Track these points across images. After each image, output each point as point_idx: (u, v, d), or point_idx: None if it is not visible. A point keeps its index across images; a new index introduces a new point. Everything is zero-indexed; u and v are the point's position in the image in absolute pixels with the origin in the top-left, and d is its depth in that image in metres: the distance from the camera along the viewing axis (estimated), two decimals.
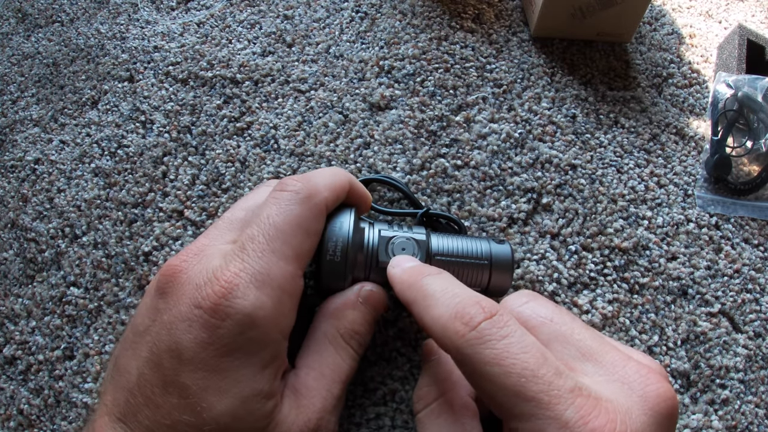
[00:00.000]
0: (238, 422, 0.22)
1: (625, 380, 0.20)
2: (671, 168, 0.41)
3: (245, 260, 0.23)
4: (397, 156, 0.39)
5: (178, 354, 0.22)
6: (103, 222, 0.38)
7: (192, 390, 0.22)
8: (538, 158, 0.40)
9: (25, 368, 0.34)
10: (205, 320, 0.22)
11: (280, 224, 0.24)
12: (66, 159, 0.41)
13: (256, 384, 0.22)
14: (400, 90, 0.42)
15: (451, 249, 0.29)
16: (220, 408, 0.22)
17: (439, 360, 0.26)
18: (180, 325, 0.22)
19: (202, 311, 0.22)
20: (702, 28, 0.48)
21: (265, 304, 0.23)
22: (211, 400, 0.22)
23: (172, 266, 0.24)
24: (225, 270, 0.23)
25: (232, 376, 0.22)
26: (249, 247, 0.24)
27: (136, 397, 0.22)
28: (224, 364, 0.22)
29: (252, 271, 0.23)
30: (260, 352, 0.23)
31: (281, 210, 0.25)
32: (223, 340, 0.22)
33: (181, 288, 0.23)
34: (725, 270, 0.37)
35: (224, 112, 0.41)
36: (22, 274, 0.37)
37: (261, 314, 0.22)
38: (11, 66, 0.46)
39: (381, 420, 0.32)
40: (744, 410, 0.33)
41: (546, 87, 0.43)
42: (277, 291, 0.23)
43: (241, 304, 0.22)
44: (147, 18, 0.47)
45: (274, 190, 0.26)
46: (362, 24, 0.45)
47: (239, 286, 0.22)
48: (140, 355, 0.23)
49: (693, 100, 0.44)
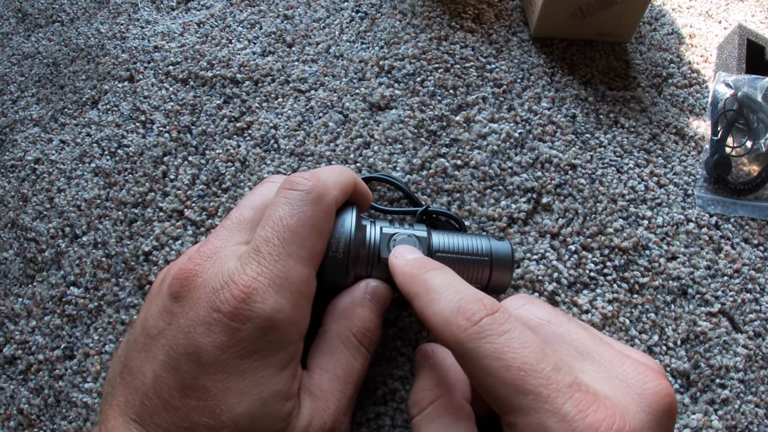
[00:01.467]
0: (257, 423, 0.22)
1: (623, 378, 0.20)
2: (671, 168, 0.41)
3: (261, 263, 0.23)
4: (397, 156, 0.39)
5: (197, 357, 0.22)
6: (103, 222, 0.38)
7: (212, 392, 0.22)
8: (538, 158, 0.40)
9: (25, 368, 0.34)
10: (225, 324, 0.22)
11: (294, 226, 0.24)
12: (66, 159, 0.41)
13: (276, 385, 0.23)
14: (400, 90, 0.42)
15: (452, 246, 0.29)
16: (239, 410, 0.22)
17: (433, 364, 0.26)
18: (199, 328, 0.22)
19: (221, 315, 0.22)
20: (702, 28, 0.48)
21: (284, 307, 0.23)
22: (231, 401, 0.22)
23: (185, 270, 0.24)
24: (242, 274, 0.23)
25: (251, 377, 0.22)
26: (264, 250, 0.24)
27: (152, 399, 0.22)
28: (244, 365, 0.22)
29: (270, 275, 0.23)
30: (279, 353, 0.23)
31: (294, 211, 0.25)
32: (243, 343, 0.22)
33: (197, 291, 0.23)
34: (725, 270, 0.37)
35: (224, 111, 0.41)
36: (22, 273, 0.37)
37: (280, 317, 0.23)
38: (11, 66, 0.46)
39: (381, 420, 0.32)
40: (744, 410, 0.33)
41: (546, 87, 0.43)
42: (295, 294, 0.24)
43: (261, 308, 0.22)
44: (147, 18, 0.47)
45: (283, 188, 0.26)
46: (362, 24, 0.45)
47: (258, 291, 0.23)
48: (156, 358, 0.23)
49: (693, 100, 0.44)
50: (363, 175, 0.38)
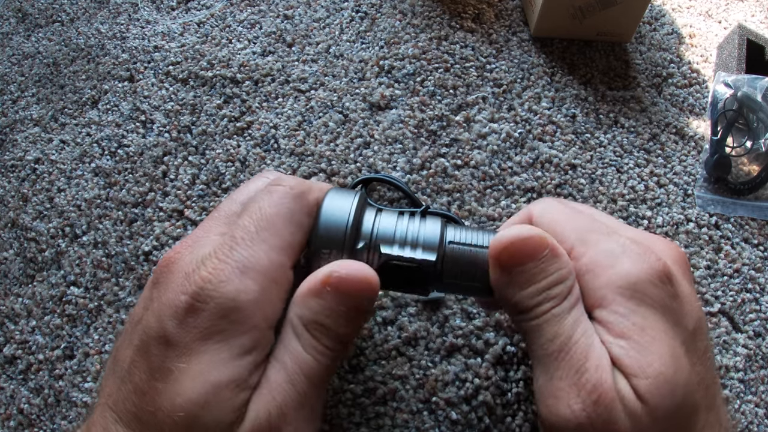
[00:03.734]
0: (207, 411, 0.22)
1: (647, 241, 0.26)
2: (671, 168, 0.41)
3: (233, 248, 0.24)
4: (397, 156, 0.39)
5: (165, 339, 0.22)
6: (103, 221, 0.38)
7: (174, 374, 0.22)
8: (538, 158, 0.40)
9: (25, 368, 0.34)
10: (189, 304, 0.22)
11: (271, 215, 0.25)
12: (66, 159, 0.41)
13: (232, 370, 0.22)
14: (400, 90, 0.42)
15: (465, 238, 0.29)
16: (192, 394, 0.22)
17: (558, 255, 0.25)
18: (167, 311, 0.23)
19: (187, 296, 0.23)
20: (702, 28, 0.48)
21: (249, 288, 0.23)
22: (187, 384, 0.22)
23: (166, 258, 0.25)
24: (213, 257, 0.23)
25: (209, 360, 0.22)
26: (238, 236, 0.24)
27: (126, 384, 0.23)
28: (206, 346, 0.22)
29: (239, 257, 0.23)
30: (240, 337, 0.23)
31: (273, 202, 0.25)
32: (206, 323, 0.22)
33: (172, 276, 0.24)
34: (725, 270, 0.37)
35: (224, 111, 0.41)
36: (22, 273, 0.37)
37: (244, 298, 0.23)
38: (11, 66, 0.46)
39: (381, 420, 0.32)
40: (744, 410, 0.33)
41: (546, 87, 0.43)
42: (262, 277, 0.23)
43: (224, 288, 0.22)
44: (147, 18, 0.47)
45: (270, 184, 0.27)
46: (362, 24, 0.45)
47: (224, 271, 0.23)
48: (133, 343, 0.24)
49: (693, 100, 0.44)
50: (362, 176, 0.38)
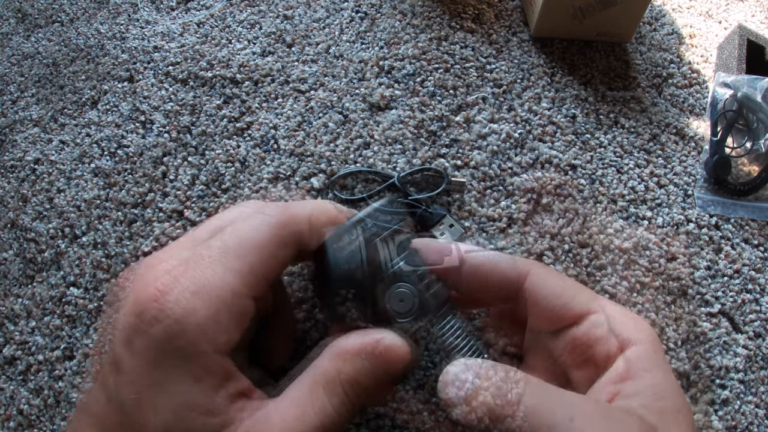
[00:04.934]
0: None
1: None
2: (671, 168, 0.41)
3: (191, 267, 0.22)
4: (397, 156, 0.39)
5: (117, 367, 0.21)
6: (103, 222, 0.38)
7: (127, 406, 0.21)
8: (538, 158, 0.40)
9: (25, 368, 0.34)
10: (136, 326, 0.21)
11: (242, 240, 0.23)
12: (66, 159, 0.41)
13: (189, 397, 0.21)
14: (400, 90, 0.42)
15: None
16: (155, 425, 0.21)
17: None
18: (119, 335, 0.22)
19: (135, 318, 0.21)
20: (702, 28, 0.48)
21: (197, 311, 0.21)
22: (147, 417, 0.21)
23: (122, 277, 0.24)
24: (167, 274, 0.22)
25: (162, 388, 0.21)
26: (204, 254, 0.23)
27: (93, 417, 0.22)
28: (156, 375, 0.21)
29: (192, 276, 0.22)
30: (189, 364, 0.22)
31: (248, 227, 0.24)
32: (153, 349, 0.21)
33: (127, 299, 0.23)
34: (725, 270, 0.37)
35: (224, 112, 0.41)
36: (22, 274, 0.37)
37: (191, 321, 0.21)
38: (11, 66, 0.46)
39: (381, 420, 0.32)
40: (744, 410, 0.33)
41: (546, 87, 0.43)
42: (214, 301, 0.22)
43: (171, 309, 0.21)
44: (147, 18, 0.47)
45: (254, 210, 0.25)
46: (362, 24, 0.45)
47: (174, 291, 0.22)
48: (99, 373, 0.23)
49: (693, 101, 0.44)
50: (335, 176, 0.38)
